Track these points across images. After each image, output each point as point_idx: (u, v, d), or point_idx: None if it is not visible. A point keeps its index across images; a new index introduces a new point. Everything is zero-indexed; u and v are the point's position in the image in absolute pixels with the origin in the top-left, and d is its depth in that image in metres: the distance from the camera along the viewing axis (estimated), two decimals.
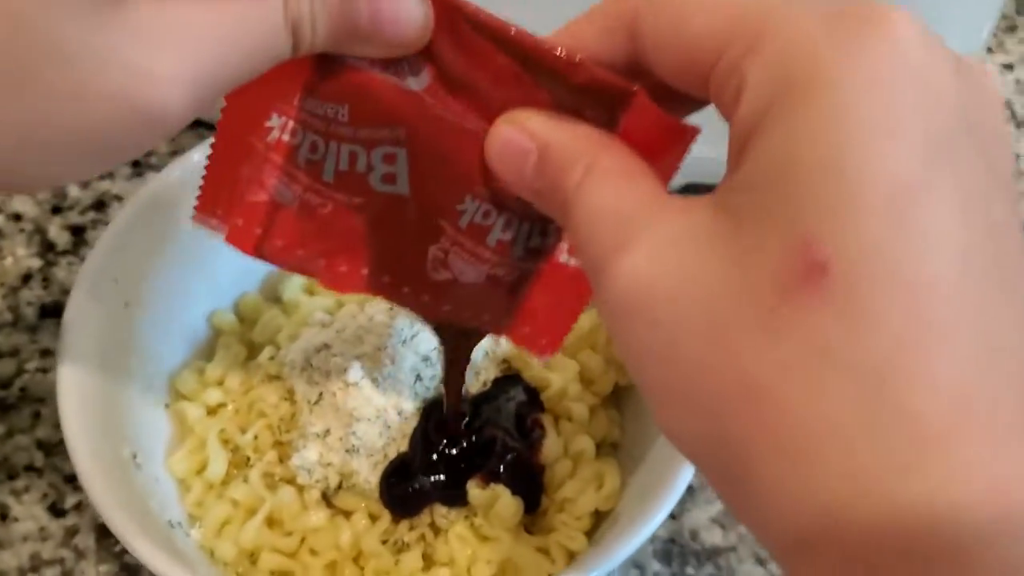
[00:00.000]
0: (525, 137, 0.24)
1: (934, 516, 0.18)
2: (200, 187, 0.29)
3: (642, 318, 0.20)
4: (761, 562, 0.41)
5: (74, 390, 0.31)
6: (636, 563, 0.41)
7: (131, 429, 0.34)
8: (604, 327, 0.21)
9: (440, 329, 0.32)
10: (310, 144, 0.28)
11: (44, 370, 0.45)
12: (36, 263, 0.48)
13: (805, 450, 0.18)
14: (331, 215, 0.29)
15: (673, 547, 0.41)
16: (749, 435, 0.19)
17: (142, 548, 0.28)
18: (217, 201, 0.29)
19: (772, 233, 0.19)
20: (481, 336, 0.32)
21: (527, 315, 0.30)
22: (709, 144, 0.24)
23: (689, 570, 0.41)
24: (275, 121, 0.27)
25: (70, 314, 0.32)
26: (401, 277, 0.30)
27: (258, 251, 0.30)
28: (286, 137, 0.28)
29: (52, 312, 0.47)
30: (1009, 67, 0.63)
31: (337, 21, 0.25)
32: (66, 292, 0.46)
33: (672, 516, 0.42)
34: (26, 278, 0.48)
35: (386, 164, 0.27)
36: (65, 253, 0.49)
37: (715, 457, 0.20)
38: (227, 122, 0.28)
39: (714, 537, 0.42)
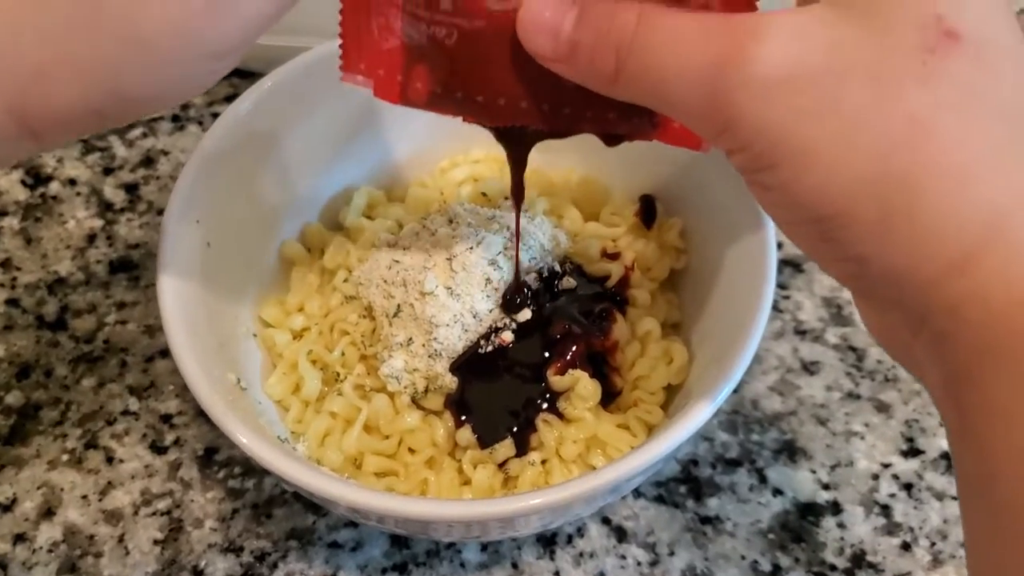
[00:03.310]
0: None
1: None
2: (340, 48, 0.30)
3: (795, 87, 0.23)
4: (822, 422, 0.44)
5: (180, 328, 0.33)
6: (704, 435, 0.43)
7: (231, 358, 0.37)
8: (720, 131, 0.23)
9: (507, 134, 0.33)
10: None
11: (123, 322, 0.47)
12: (98, 223, 0.51)
13: (968, 171, 0.22)
14: (457, 45, 0.29)
15: (737, 417, 0.44)
16: (917, 164, 0.23)
17: (272, 458, 0.31)
18: (359, 56, 0.30)
19: (903, 10, 0.23)
20: (540, 138, 0.33)
21: None
22: None
23: (754, 436, 0.43)
24: None
25: (164, 258, 0.34)
26: (538, 96, 0.30)
27: (403, 98, 0.31)
28: None
29: (120, 267, 0.49)
30: None
31: None
32: (130, 247, 0.49)
33: (734, 390, 0.44)
34: (91, 238, 0.50)
35: None
36: (123, 210, 0.51)
37: (875, 195, 0.23)
38: None
39: (774, 404, 0.44)
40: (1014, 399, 0.22)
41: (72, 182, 0.52)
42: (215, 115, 0.54)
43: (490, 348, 0.38)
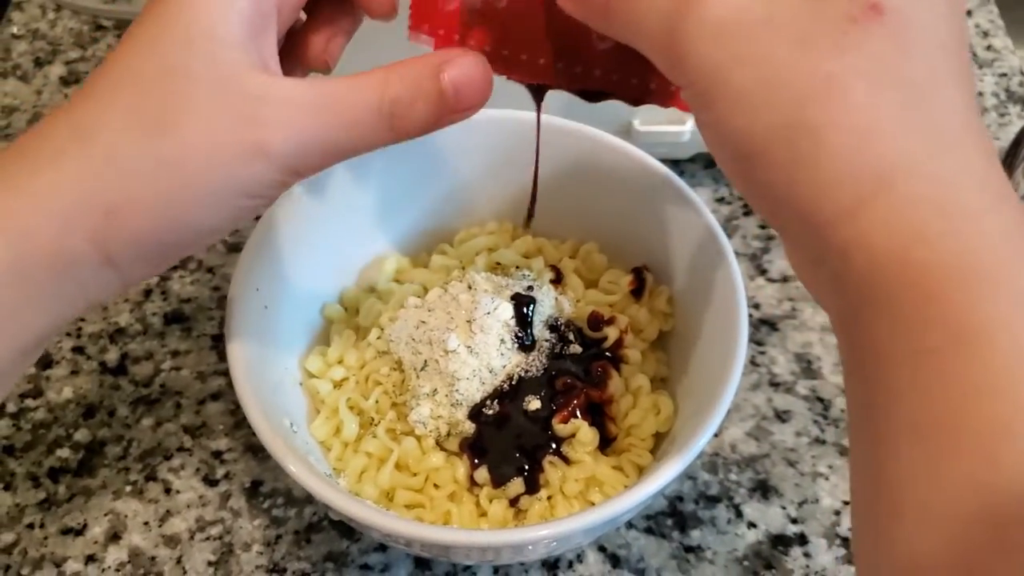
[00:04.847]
0: None
1: (958, 185, 0.25)
2: (409, 9, 0.34)
3: (740, 31, 0.26)
4: (792, 464, 0.50)
5: (247, 379, 0.39)
6: (689, 475, 0.49)
7: (283, 403, 0.43)
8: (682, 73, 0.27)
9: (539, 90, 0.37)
10: None
11: (177, 368, 0.53)
12: (153, 279, 0.57)
13: (868, 131, 0.25)
14: (507, 9, 0.33)
15: (718, 459, 0.50)
16: (825, 118, 0.25)
17: (323, 491, 0.37)
18: (425, 16, 0.34)
19: None
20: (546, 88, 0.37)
21: None
22: None
23: (732, 476, 0.49)
24: None
25: (232, 321, 0.41)
26: (573, 58, 0.34)
27: None
28: None
29: (174, 319, 0.55)
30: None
31: (432, 97, 0.32)
32: (183, 301, 0.55)
33: (714, 434, 0.50)
34: (147, 293, 0.56)
35: None
36: (175, 268, 0.57)
37: (787, 141, 0.26)
38: None
39: (750, 448, 0.50)
40: (889, 342, 0.25)
41: None
42: None
43: (504, 400, 0.44)
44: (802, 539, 0.47)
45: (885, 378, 0.25)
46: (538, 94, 0.38)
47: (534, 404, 0.44)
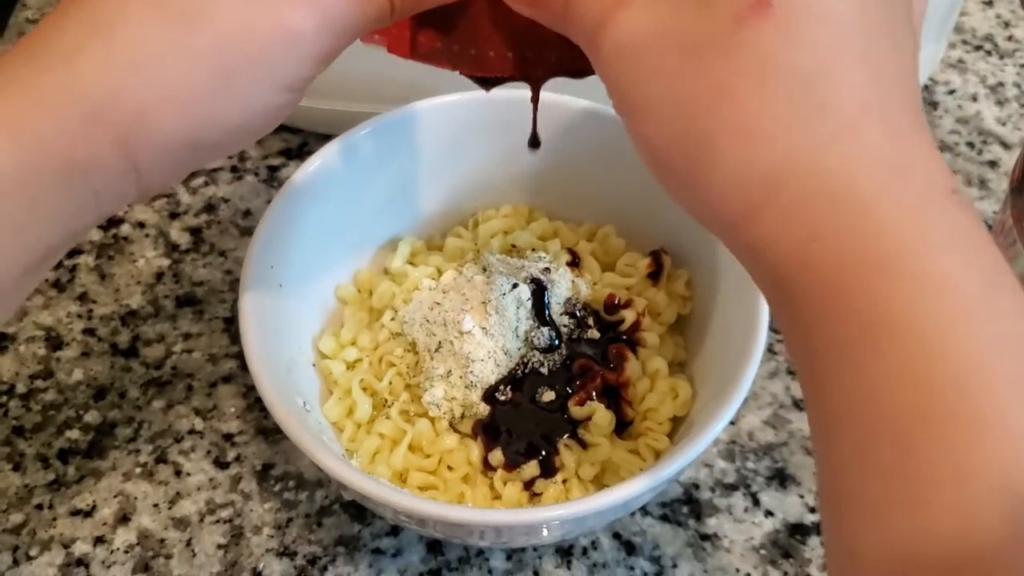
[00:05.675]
0: None
1: (848, 175, 0.24)
2: None
3: (637, 51, 0.26)
4: (809, 453, 0.49)
5: (261, 358, 0.39)
6: (705, 463, 0.49)
7: (296, 383, 0.42)
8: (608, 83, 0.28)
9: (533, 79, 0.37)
10: None
11: (189, 351, 0.53)
12: (165, 262, 0.56)
13: (756, 132, 0.25)
14: (455, 5, 0.33)
15: (735, 447, 0.49)
16: (714, 126, 0.25)
17: (338, 468, 0.36)
18: None
19: None
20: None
21: None
22: None
23: (750, 464, 0.49)
24: None
25: (245, 298, 0.40)
26: (520, 48, 0.34)
27: (414, 53, 0.35)
28: None
29: (186, 302, 0.55)
30: (989, 3, 0.71)
31: None
32: (195, 284, 0.55)
33: (731, 422, 0.49)
34: (159, 275, 0.56)
35: None
36: (188, 251, 0.57)
37: (685, 151, 0.26)
38: None
39: (768, 436, 0.50)
40: (806, 338, 0.25)
41: (141, 225, 0.58)
42: (270, 167, 0.61)
43: (519, 387, 0.44)
44: (820, 528, 0.46)
45: (811, 371, 0.26)
46: (488, 87, 0.38)
47: (548, 395, 0.43)
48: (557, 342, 0.44)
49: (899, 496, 0.23)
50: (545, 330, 0.44)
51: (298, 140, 0.62)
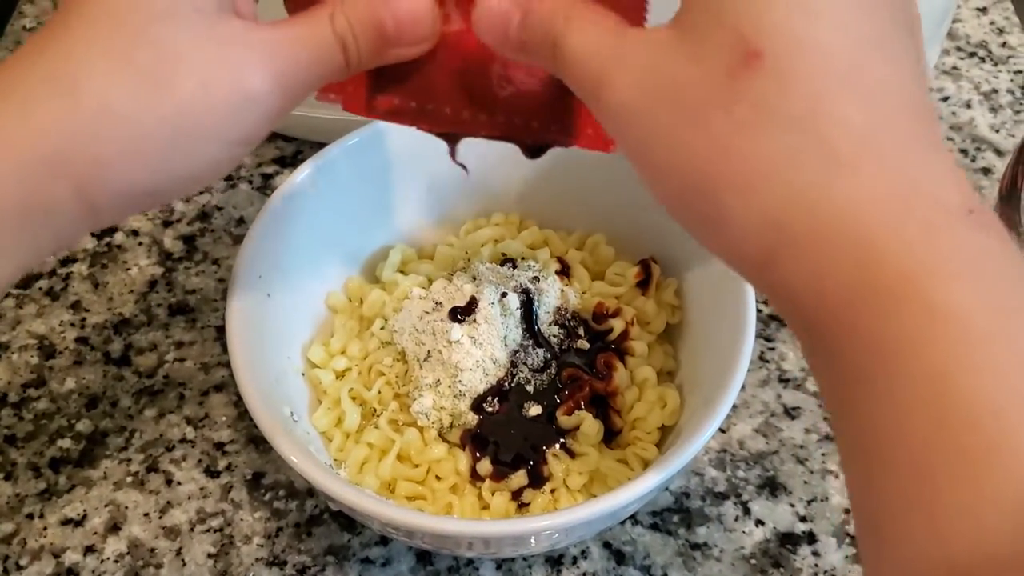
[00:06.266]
0: (508, 4, 0.30)
1: (849, 212, 0.24)
2: None
3: (632, 122, 0.27)
4: (800, 461, 0.49)
5: (247, 367, 0.39)
6: (696, 471, 0.49)
7: (284, 393, 0.42)
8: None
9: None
10: None
11: (181, 359, 0.53)
12: (158, 270, 0.57)
13: (755, 181, 0.25)
14: (412, 63, 0.33)
15: (725, 456, 0.49)
16: (718, 178, 0.26)
17: (323, 479, 0.36)
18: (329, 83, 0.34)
19: (716, 35, 0.25)
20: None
21: (585, 116, 0.35)
22: None
23: (740, 473, 0.49)
24: None
25: (232, 307, 0.40)
26: (477, 107, 0.35)
27: (369, 110, 0.35)
28: None
29: (179, 311, 0.55)
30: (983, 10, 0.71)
31: (370, 32, 0.32)
32: (188, 292, 0.55)
33: (721, 430, 0.49)
34: (152, 284, 0.56)
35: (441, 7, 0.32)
36: (181, 260, 0.57)
37: (689, 206, 0.27)
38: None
39: (759, 444, 0.50)
40: (827, 371, 0.26)
41: (135, 233, 0.58)
42: (264, 175, 0.61)
43: (507, 397, 0.44)
44: (811, 537, 0.46)
45: (835, 402, 0.26)
46: (450, 142, 0.38)
47: (534, 410, 0.43)
48: (550, 359, 0.44)
49: (919, 523, 0.23)
50: (540, 351, 0.44)
51: (292, 148, 0.62)
